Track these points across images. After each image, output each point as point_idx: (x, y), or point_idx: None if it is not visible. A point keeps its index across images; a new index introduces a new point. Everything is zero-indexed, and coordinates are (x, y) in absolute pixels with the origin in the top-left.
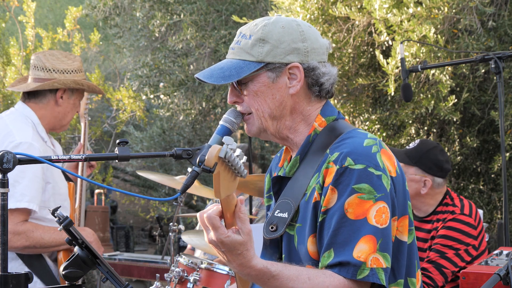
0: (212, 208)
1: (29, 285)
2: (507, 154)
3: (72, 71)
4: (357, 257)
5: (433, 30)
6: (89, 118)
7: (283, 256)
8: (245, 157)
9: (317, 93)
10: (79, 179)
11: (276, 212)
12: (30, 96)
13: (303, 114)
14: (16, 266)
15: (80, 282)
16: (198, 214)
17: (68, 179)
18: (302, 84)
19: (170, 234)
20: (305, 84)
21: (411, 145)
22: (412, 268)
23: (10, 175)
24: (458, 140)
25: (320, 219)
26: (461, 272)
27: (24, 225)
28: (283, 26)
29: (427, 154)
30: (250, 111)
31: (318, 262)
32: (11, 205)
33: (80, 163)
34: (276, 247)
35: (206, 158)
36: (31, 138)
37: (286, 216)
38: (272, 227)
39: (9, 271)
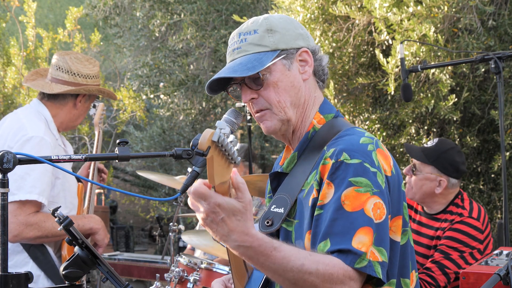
0: (198, 183)
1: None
2: (507, 154)
3: (93, 76)
4: (357, 247)
5: (433, 29)
6: (103, 127)
7: None
8: (238, 144)
9: (322, 77)
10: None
11: (272, 207)
12: (50, 96)
13: (311, 101)
14: (21, 260)
15: (84, 280)
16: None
17: (78, 180)
18: (312, 69)
19: (170, 234)
20: (312, 69)
21: (429, 143)
22: (405, 269)
23: (20, 167)
24: (458, 139)
25: (316, 213)
26: (461, 272)
27: (36, 216)
28: (281, 17)
29: (445, 154)
30: (267, 107)
31: None
32: (21, 196)
33: (92, 167)
34: None
35: (199, 141)
36: (43, 132)
37: (282, 211)
38: (267, 222)
39: (14, 264)
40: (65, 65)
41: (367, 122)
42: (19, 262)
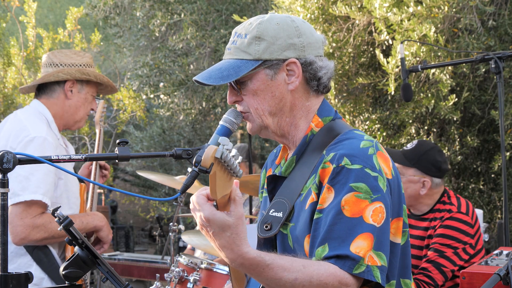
0: (200, 191)
1: (36, 281)
2: (507, 154)
3: (80, 65)
4: (355, 252)
5: (433, 29)
6: (105, 126)
7: None
8: (240, 157)
9: (315, 87)
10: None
11: (271, 211)
12: (40, 92)
13: (303, 110)
14: (24, 262)
15: (88, 282)
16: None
17: (80, 180)
18: (301, 80)
19: (170, 234)
20: (303, 79)
21: (409, 146)
22: (406, 269)
23: (24, 167)
24: (458, 139)
25: (315, 217)
26: (461, 272)
27: (42, 217)
28: (278, 23)
29: (425, 155)
30: (248, 111)
31: None
32: (26, 197)
33: (93, 168)
34: (270, 247)
35: (202, 158)
36: (46, 133)
37: (281, 216)
38: (266, 226)
39: (17, 267)
40: (48, 60)
41: (367, 122)
42: (23, 265)
